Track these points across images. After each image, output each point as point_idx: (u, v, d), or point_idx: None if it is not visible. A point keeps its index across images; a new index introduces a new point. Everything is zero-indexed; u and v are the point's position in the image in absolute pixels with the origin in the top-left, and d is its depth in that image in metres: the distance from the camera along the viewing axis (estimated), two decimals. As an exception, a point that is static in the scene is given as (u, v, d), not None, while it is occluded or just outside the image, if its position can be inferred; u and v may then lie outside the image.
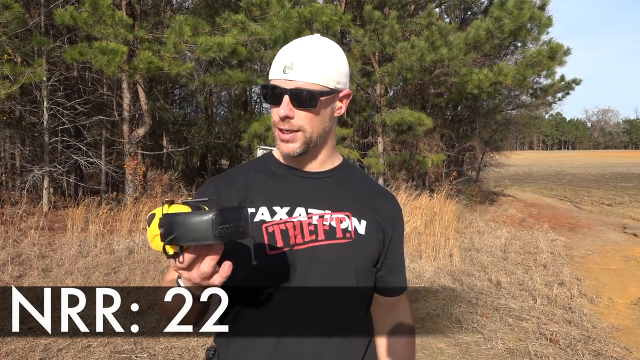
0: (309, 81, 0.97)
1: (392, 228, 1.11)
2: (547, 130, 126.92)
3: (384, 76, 9.85)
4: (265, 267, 0.99)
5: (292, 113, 0.97)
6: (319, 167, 1.09)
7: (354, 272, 1.03)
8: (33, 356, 3.17)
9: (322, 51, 0.99)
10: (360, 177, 1.16)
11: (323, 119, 1.02)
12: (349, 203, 1.07)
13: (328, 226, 1.03)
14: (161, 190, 8.79)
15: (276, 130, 1.02)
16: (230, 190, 1.06)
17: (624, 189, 18.40)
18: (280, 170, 1.09)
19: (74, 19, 6.86)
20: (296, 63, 0.96)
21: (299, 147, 1.01)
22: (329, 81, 0.99)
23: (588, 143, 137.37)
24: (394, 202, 1.16)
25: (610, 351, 3.53)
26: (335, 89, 1.01)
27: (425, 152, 10.89)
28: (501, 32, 9.22)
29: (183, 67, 7.56)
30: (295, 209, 1.03)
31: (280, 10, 7.89)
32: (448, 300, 4.61)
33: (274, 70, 0.99)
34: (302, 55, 0.97)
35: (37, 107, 8.95)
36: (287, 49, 1.00)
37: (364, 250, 1.05)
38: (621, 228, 9.43)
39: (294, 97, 0.96)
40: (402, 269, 1.16)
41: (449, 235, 6.54)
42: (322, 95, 0.98)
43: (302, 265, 1.00)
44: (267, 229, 1.01)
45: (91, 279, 4.84)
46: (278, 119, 0.99)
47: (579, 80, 11.80)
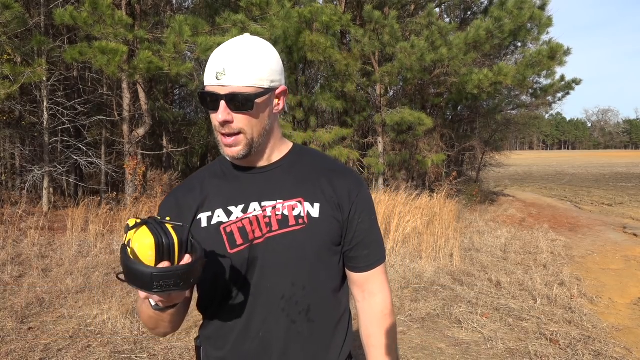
0: (242, 85, 0.97)
1: (349, 203, 1.10)
2: (547, 130, 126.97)
3: (384, 76, 9.85)
4: (228, 265, 1.04)
5: (230, 117, 0.98)
6: (267, 160, 1.11)
7: (311, 256, 1.05)
8: (33, 356, 3.17)
9: (252, 53, 0.99)
10: (313, 158, 1.16)
11: (262, 119, 1.03)
12: (300, 188, 1.08)
13: (281, 215, 1.05)
14: (161, 190, 8.79)
15: (218, 135, 1.03)
16: (189, 199, 1.10)
17: (624, 189, 18.40)
18: (232, 171, 1.12)
19: (74, 19, 6.86)
20: (228, 68, 0.97)
21: (242, 150, 1.02)
22: (262, 82, 0.99)
23: (588, 143, 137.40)
24: (350, 175, 1.14)
25: (610, 351, 3.53)
26: (270, 88, 1.01)
27: (425, 152, 10.89)
28: (501, 32, 9.22)
29: (183, 67, 7.56)
30: (249, 205, 1.06)
31: (280, 10, 7.89)
32: (448, 300, 4.61)
33: (208, 77, 0.99)
34: (232, 59, 0.97)
35: (37, 107, 8.96)
36: (217, 54, 0.99)
37: (319, 233, 1.06)
38: (621, 228, 9.43)
39: (229, 102, 0.97)
40: (370, 244, 1.13)
41: (449, 235, 6.54)
42: (257, 97, 0.99)
43: (261, 257, 1.03)
44: (225, 230, 1.05)
45: (91, 279, 4.83)
46: (218, 124, 1.00)
47: (579, 80, 11.81)
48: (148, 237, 0.79)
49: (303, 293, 1.05)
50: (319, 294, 1.07)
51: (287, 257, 1.04)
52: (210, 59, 1.01)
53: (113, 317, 3.77)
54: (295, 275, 1.05)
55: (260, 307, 1.05)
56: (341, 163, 1.25)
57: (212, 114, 1.01)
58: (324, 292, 1.09)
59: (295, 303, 1.05)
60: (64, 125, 8.54)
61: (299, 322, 1.05)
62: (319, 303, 1.07)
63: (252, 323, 1.05)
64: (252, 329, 1.05)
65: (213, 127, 1.04)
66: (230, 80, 0.97)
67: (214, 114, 1.00)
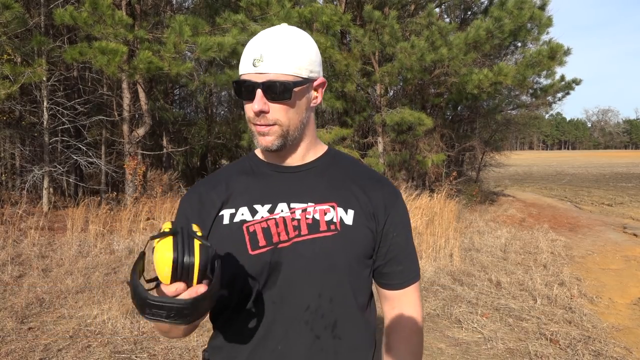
0: (280, 72, 0.92)
1: (384, 214, 1.03)
2: (547, 130, 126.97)
3: (384, 76, 9.85)
4: (248, 268, 0.96)
5: (266, 107, 0.93)
6: (300, 160, 1.04)
7: (341, 266, 0.97)
8: (33, 356, 3.17)
9: (291, 40, 0.94)
10: (348, 163, 1.10)
11: (299, 110, 0.97)
12: (334, 193, 1.02)
13: (312, 219, 0.98)
14: (161, 190, 8.79)
15: (252, 126, 0.97)
16: (212, 195, 1.04)
17: (624, 189, 18.40)
18: (262, 168, 1.05)
19: (74, 19, 6.86)
20: (266, 55, 0.92)
21: (276, 140, 0.96)
22: (301, 70, 0.94)
23: (588, 143, 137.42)
24: (387, 185, 1.08)
25: (610, 351, 3.53)
26: (309, 78, 0.96)
27: (425, 152, 10.89)
28: (501, 32, 9.22)
29: (183, 67, 7.56)
30: (277, 206, 0.99)
31: (280, 10, 7.89)
32: (448, 300, 4.61)
33: (244, 65, 0.94)
34: (271, 46, 0.92)
35: (37, 107, 8.96)
36: (255, 41, 0.95)
37: (352, 242, 0.98)
38: (621, 228, 9.43)
39: (266, 90, 0.92)
40: (405, 260, 1.07)
41: (449, 235, 6.54)
42: (296, 86, 0.93)
43: (287, 263, 0.96)
44: (247, 229, 0.97)
45: (91, 279, 4.83)
46: (253, 114, 0.94)
47: (579, 80, 11.81)
48: (169, 252, 0.74)
49: (330, 306, 0.97)
50: (347, 309, 0.99)
51: (315, 264, 0.96)
52: (246, 47, 0.96)
53: (113, 317, 3.77)
54: (323, 286, 0.96)
55: (281, 318, 0.96)
56: (377, 172, 1.18)
57: (246, 104, 0.96)
58: (352, 308, 1.00)
59: (321, 316, 0.96)
60: (64, 125, 8.54)
61: (324, 338, 0.97)
62: (346, 319, 0.99)
63: (271, 334, 0.96)
64: (271, 341, 0.96)
65: (247, 118, 0.98)
66: (267, 67, 0.92)
67: (248, 104, 0.95)
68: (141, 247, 6.05)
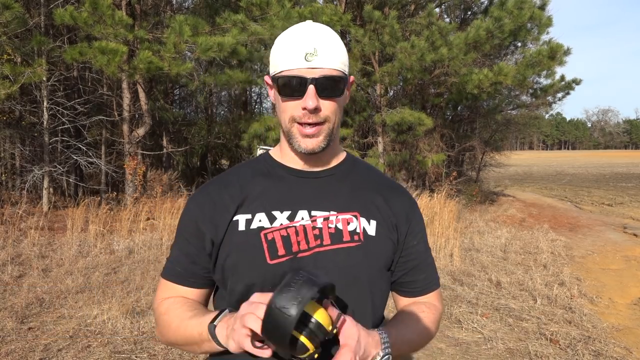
0: (334, 67, 0.88)
1: (406, 224, 1.00)
2: (547, 130, 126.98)
3: (384, 76, 9.85)
4: (265, 278, 0.90)
5: (319, 104, 0.88)
6: (322, 165, 0.99)
7: (365, 278, 0.93)
8: (33, 356, 3.17)
9: (335, 36, 0.91)
10: (367, 171, 1.06)
11: (341, 108, 0.94)
12: (356, 202, 0.97)
13: (334, 229, 0.93)
14: (161, 190, 8.79)
15: (294, 126, 0.91)
16: (225, 196, 0.97)
17: (624, 189, 18.40)
18: (279, 171, 0.99)
19: (74, 19, 6.87)
20: (320, 48, 0.87)
21: (323, 141, 0.91)
22: (345, 67, 0.92)
23: (588, 143, 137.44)
24: (405, 194, 1.05)
25: (610, 351, 3.53)
26: (348, 75, 0.94)
27: (425, 152, 10.89)
28: (501, 32, 9.22)
29: (183, 67, 7.56)
30: (297, 213, 0.94)
31: (280, 10, 7.89)
32: (448, 300, 4.61)
33: (292, 59, 0.88)
34: (323, 40, 0.88)
35: (37, 107, 8.96)
36: (302, 34, 0.89)
37: (376, 254, 0.94)
38: (621, 228, 9.43)
39: (321, 86, 0.87)
40: (427, 268, 1.04)
41: (449, 235, 6.54)
42: (344, 82, 0.91)
43: None
44: (266, 237, 0.91)
45: (91, 279, 4.83)
46: (301, 112, 0.89)
47: (579, 80, 11.81)
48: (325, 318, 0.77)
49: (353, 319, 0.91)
50: (367, 323, 0.92)
51: (337, 276, 0.89)
52: (288, 41, 0.90)
53: (113, 317, 3.77)
54: (345, 298, 0.91)
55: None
56: (393, 179, 1.15)
57: (291, 101, 0.90)
58: (372, 322, 0.95)
59: None
60: (64, 125, 8.54)
61: None
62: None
63: None
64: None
65: (286, 119, 0.91)
66: (323, 62, 0.87)
67: (295, 101, 0.89)
68: (141, 246, 6.05)
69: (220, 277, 0.96)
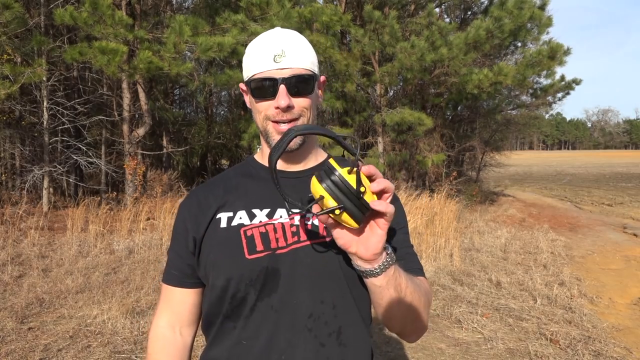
0: (302, 67, 0.94)
1: None
2: (547, 130, 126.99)
3: (384, 76, 9.86)
4: (244, 272, 0.93)
5: (292, 102, 0.93)
6: (302, 165, 1.04)
7: (341, 272, 0.94)
8: (33, 356, 3.17)
9: (301, 38, 0.97)
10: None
11: (314, 106, 0.98)
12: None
13: (311, 225, 0.96)
14: (161, 190, 8.79)
15: (269, 124, 0.96)
16: (210, 198, 1.02)
17: (624, 189, 18.39)
18: (261, 172, 1.04)
19: (74, 19, 6.86)
20: (287, 50, 0.93)
21: (300, 138, 0.95)
22: (314, 66, 0.97)
23: (588, 143, 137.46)
24: None
25: (610, 351, 3.53)
26: (318, 74, 0.99)
27: (425, 152, 10.89)
28: (501, 32, 9.22)
29: (183, 67, 7.56)
30: (276, 211, 0.98)
31: (280, 10, 7.89)
32: (448, 300, 4.61)
33: (261, 62, 0.93)
34: (289, 42, 0.94)
35: (37, 107, 8.95)
36: (268, 39, 0.95)
37: None
38: (621, 228, 9.43)
39: (292, 84, 0.92)
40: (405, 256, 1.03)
41: (449, 235, 6.53)
42: (314, 80, 0.96)
43: (286, 269, 0.93)
44: (245, 233, 0.95)
45: (91, 279, 4.83)
46: (274, 112, 0.94)
47: (579, 80, 11.81)
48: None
49: (333, 312, 0.94)
50: (351, 316, 0.96)
51: (315, 271, 0.93)
52: (257, 47, 0.96)
53: (113, 317, 3.77)
54: (324, 292, 0.93)
55: (283, 326, 0.92)
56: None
57: (264, 102, 0.95)
58: (356, 314, 0.97)
59: (324, 323, 0.93)
60: (64, 125, 8.54)
61: (329, 346, 0.93)
62: (351, 326, 0.96)
63: (273, 344, 0.92)
64: (274, 351, 0.92)
65: (261, 118, 0.97)
66: (291, 62, 0.92)
67: (268, 102, 0.94)
68: (141, 246, 6.05)
69: (204, 273, 1.00)
